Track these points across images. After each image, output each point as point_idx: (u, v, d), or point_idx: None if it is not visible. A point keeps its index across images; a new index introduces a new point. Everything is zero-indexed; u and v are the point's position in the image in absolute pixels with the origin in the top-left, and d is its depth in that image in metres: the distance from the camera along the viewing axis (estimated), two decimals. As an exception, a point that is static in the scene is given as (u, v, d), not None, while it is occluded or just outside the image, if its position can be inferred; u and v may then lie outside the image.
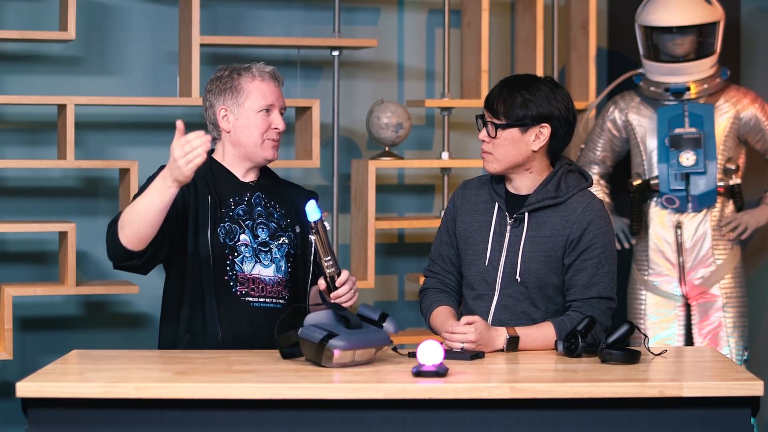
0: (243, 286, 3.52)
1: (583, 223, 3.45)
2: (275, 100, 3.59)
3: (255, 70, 3.60)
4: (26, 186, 4.98)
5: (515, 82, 3.48)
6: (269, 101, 3.58)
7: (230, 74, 3.60)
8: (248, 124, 3.57)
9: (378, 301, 5.33)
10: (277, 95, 3.60)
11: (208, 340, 3.48)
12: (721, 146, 4.94)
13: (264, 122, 3.57)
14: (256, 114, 3.57)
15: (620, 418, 2.95)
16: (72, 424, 2.91)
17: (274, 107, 3.59)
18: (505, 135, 3.44)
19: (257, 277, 3.53)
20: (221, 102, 3.59)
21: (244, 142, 3.58)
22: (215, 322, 3.49)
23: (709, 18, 4.92)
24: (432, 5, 5.38)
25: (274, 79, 3.60)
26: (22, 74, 4.95)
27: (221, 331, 3.49)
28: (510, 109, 3.43)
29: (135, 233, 3.33)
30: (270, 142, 3.58)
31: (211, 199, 3.53)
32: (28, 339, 4.96)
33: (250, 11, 5.18)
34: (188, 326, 3.51)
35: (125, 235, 3.34)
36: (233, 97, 3.58)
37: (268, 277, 3.54)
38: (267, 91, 3.58)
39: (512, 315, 3.46)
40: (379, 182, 5.21)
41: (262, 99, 3.57)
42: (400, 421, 2.91)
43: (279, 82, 3.63)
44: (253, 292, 3.53)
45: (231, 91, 3.58)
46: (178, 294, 3.55)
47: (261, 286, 3.54)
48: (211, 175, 3.57)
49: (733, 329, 4.95)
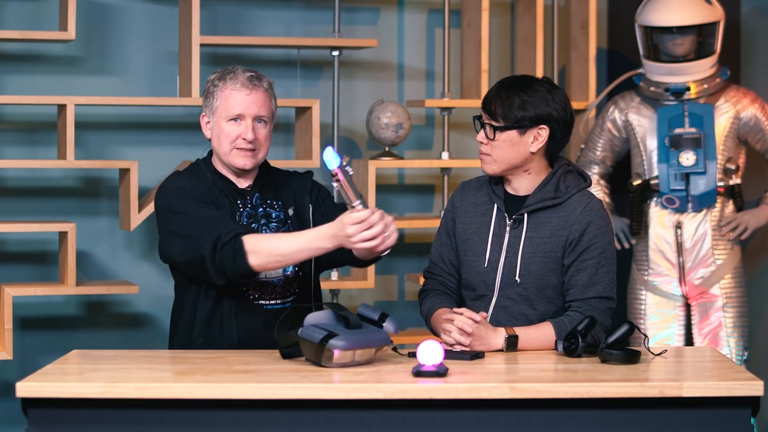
0: (255, 291, 3.53)
1: (582, 224, 3.45)
2: (244, 110, 3.51)
3: (231, 77, 3.53)
4: (26, 186, 4.98)
5: (512, 84, 3.47)
6: (237, 111, 3.51)
7: (214, 80, 3.56)
8: (219, 132, 3.53)
9: (378, 301, 5.33)
10: (248, 104, 3.51)
11: (223, 343, 3.49)
12: (721, 146, 4.94)
13: (233, 131, 3.51)
14: (226, 122, 3.52)
15: (620, 418, 2.95)
16: (72, 424, 2.91)
17: (243, 117, 3.51)
18: (503, 137, 3.44)
19: (267, 281, 3.53)
20: (204, 108, 3.58)
21: (217, 149, 3.56)
22: (232, 326, 3.50)
23: (709, 18, 4.93)
24: (432, 5, 5.38)
25: (246, 87, 3.51)
26: (22, 74, 4.95)
27: (237, 335, 3.49)
28: (508, 111, 3.43)
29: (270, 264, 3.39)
30: (239, 151, 3.52)
31: (228, 202, 3.53)
32: (28, 339, 4.96)
33: (250, 11, 5.18)
34: (204, 330, 3.52)
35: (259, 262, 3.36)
36: (209, 104, 3.56)
37: (277, 278, 3.54)
38: (238, 100, 3.51)
39: (510, 316, 3.46)
40: (379, 182, 5.21)
41: (230, 108, 3.51)
42: (400, 421, 2.91)
43: (257, 87, 3.53)
44: (265, 296, 3.54)
45: (210, 98, 3.56)
46: (193, 298, 3.55)
47: (271, 289, 3.54)
48: (219, 180, 3.56)
49: (733, 329, 4.95)
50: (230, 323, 3.50)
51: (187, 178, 3.54)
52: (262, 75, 3.58)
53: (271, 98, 3.58)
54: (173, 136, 5.10)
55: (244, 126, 3.52)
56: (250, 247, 3.35)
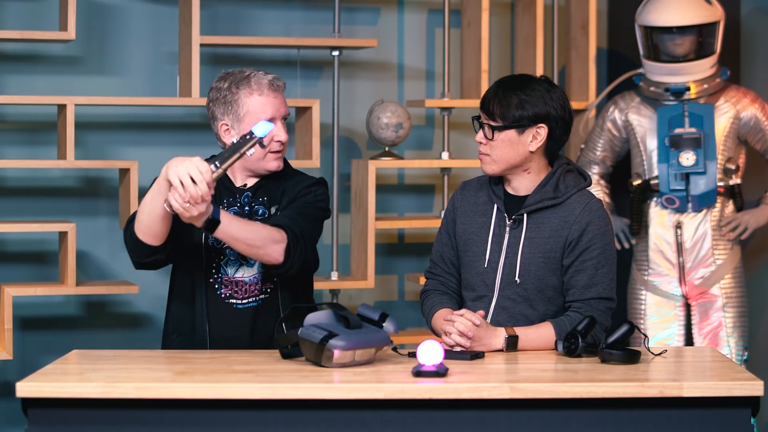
0: (227, 289, 3.53)
1: (582, 224, 3.44)
2: (275, 113, 3.52)
3: (254, 82, 3.52)
4: (26, 186, 4.98)
5: (510, 83, 3.46)
6: (269, 115, 3.51)
7: (229, 87, 3.54)
8: None
9: (378, 301, 5.33)
10: (277, 106, 3.53)
11: (196, 340, 3.50)
12: (721, 146, 4.94)
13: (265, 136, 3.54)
14: None
15: (620, 418, 2.95)
16: (72, 424, 2.91)
17: (275, 120, 3.52)
18: (501, 137, 3.44)
19: (240, 280, 3.52)
20: (222, 116, 3.55)
21: (246, 156, 3.55)
22: (204, 323, 3.50)
23: (709, 18, 4.92)
24: (432, 5, 5.38)
25: (273, 90, 3.53)
26: (22, 74, 4.95)
27: (209, 333, 3.50)
28: (506, 111, 3.42)
29: (149, 230, 3.39)
30: (273, 154, 3.54)
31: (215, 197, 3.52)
32: (28, 339, 4.96)
33: (250, 11, 5.18)
34: (177, 326, 3.55)
35: (142, 232, 3.40)
36: (233, 111, 3.53)
37: (253, 276, 3.53)
38: (266, 105, 3.51)
39: (510, 317, 3.46)
40: (379, 182, 5.21)
41: (262, 114, 3.51)
42: (400, 421, 2.91)
43: (280, 89, 3.55)
44: (237, 295, 3.53)
45: (231, 105, 3.52)
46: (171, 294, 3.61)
47: (244, 288, 3.54)
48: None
49: (733, 329, 4.95)
50: (202, 321, 3.51)
51: None
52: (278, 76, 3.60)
53: None
54: (173, 136, 5.10)
55: (277, 128, 3.52)
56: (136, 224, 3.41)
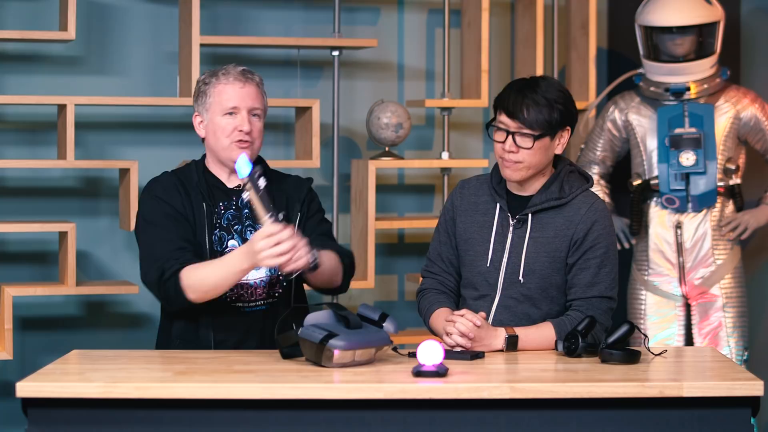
0: (233, 293, 3.52)
1: (587, 223, 3.45)
2: (239, 102, 3.51)
3: (222, 73, 3.54)
4: (26, 186, 4.98)
5: (532, 88, 3.42)
6: (232, 104, 3.51)
7: (204, 79, 3.57)
8: (215, 128, 3.53)
9: (378, 301, 5.33)
10: (242, 96, 3.52)
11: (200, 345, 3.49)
12: (721, 146, 4.94)
13: (229, 124, 3.51)
14: (221, 117, 3.52)
15: (620, 418, 2.95)
16: (72, 424, 2.91)
17: (239, 109, 3.51)
18: (537, 144, 3.42)
19: (245, 283, 3.52)
20: (196, 108, 3.58)
21: (214, 146, 3.55)
22: (208, 330, 3.50)
23: (709, 18, 4.92)
24: (432, 5, 5.38)
25: (240, 80, 3.52)
26: (22, 74, 4.95)
27: (214, 338, 3.49)
28: (544, 119, 3.39)
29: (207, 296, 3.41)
30: (237, 144, 3.52)
31: (206, 207, 3.52)
32: (28, 339, 4.96)
33: (250, 11, 5.18)
34: (182, 331, 3.53)
35: (197, 296, 3.40)
36: (202, 102, 3.55)
37: (260, 279, 3.53)
38: (231, 94, 3.51)
39: (513, 316, 3.46)
40: (379, 182, 5.21)
41: (225, 102, 3.51)
42: (400, 421, 2.91)
43: (250, 81, 3.54)
44: (243, 298, 3.53)
45: (202, 96, 3.56)
46: None
47: (250, 291, 3.53)
48: (204, 182, 3.56)
49: (733, 329, 4.95)
50: (207, 326, 3.50)
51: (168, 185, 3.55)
52: (252, 71, 3.59)
53: (263, 94, 3.60)
54: (173, 136, 5.10)
55: (240, 118, 3.52)
56: (186, 282, 3.38)
